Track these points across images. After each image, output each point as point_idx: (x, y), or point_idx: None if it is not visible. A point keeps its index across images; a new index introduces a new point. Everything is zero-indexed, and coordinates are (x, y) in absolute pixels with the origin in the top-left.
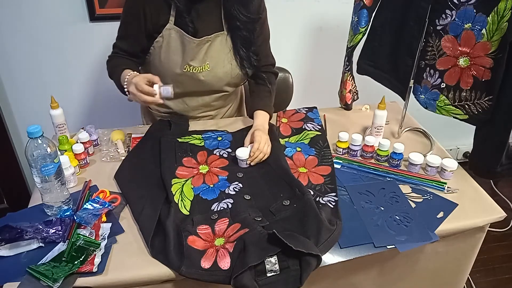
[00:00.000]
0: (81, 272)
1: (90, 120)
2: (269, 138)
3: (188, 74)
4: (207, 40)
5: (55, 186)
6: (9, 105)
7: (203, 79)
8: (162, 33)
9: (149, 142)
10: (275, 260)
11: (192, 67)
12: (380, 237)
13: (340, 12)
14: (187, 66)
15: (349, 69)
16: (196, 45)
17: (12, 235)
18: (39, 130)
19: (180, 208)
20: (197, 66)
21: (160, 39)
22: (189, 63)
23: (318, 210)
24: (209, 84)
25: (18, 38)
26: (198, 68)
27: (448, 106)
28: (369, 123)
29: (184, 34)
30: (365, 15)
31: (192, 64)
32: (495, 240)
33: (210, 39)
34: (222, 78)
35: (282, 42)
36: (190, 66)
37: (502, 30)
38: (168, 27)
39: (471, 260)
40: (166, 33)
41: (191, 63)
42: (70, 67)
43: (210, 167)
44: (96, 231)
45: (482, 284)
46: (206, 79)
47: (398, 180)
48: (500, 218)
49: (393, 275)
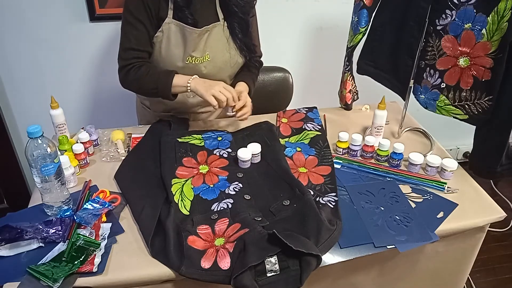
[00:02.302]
0: (81, 272)
1: (90, 120)
2: None
3: (190, 66)
4: (206, 30)
5: (55, 186)
6: (9, 105)
7: (204, 71)
8: (162, 27)
9: (149, 142)
10: (275, 260)
11: (194, 58)
12: (380, 237)
13: (340, 12)
14: (189, 57)
15: (349, 69)
16: (198, 35)
17: (12, 235)
18: (39, 130)
19: (180, 208)
20: (198, 57)
21: (160, 33)
22: (191, 54)
23: (318, 210)
24: (209, 76)
25: (18, 38)
26: (200, 58)
27: (448, 106)
28: (369, 123)
29: (185, 26)
30: (365, 15)
31: (194, 55)
32: (495, 240)
33: (209, 29)
34: (222, 68)
35: (282, 42)
36: (192, 57)
37: (502, 30)
38: (167, 21)
39: (471, 260)
40: (166, 27)
41: (193, 54)
42: (70, 67)
43: (210, 167)
44: (96, 231)
45: (482, 284)
46: (207, 70)
47: (398, 180)
48: (500, 218)
49: (393, 275)
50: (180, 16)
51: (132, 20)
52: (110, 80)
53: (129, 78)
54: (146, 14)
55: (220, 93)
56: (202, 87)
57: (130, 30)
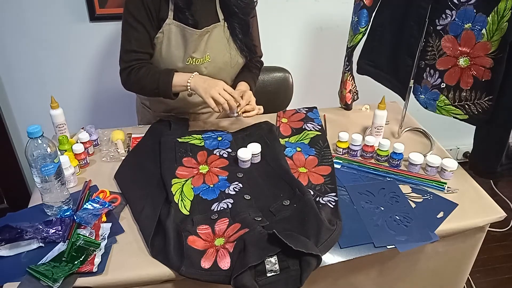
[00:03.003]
0: (81, 272)
1: (90, 120)
2: None
3: (191, 67)
4: (207, 31)
5: (55, 186)
6: (9, 105)
7: (205, 71)
8: (162, 28)
9: (149, 142)
10: (275, 260)
11: (195, 59)
12: (380, 237)
13: (340, 12)
14: (190, 58)
15: (349, 69)
16: (198, 36)
17: (12, 235)
18: (39, 130)
19: (180, 208)
20: (199, 57)
21: (160, 35)
22: (192, 55)
23: (318, 210)
24: (210, 76)
25: (18, 38)
26: (200, 59)
27: (448, 106)
28: (369, 123)
29: (185, 27)
30: (365, 15)
31: (194, 56)
32: (495, 240)
33: (209, 30)
34: (223, 68)
35: (282, 42)
36: (193, 58)
37: (502, 30)
38: (167, 22)
39: (471, 260)
40: (166, 28)
41: (193, 55)
42: (70, 67)
43: (210, 167)
44: (96, 231)
45: (482, 284)
46: (208, 70)
47: (398, 180)
48: (500, 218)
49: (393, 275)
50: (181, 17)
51: (132, 22)
52: (110, 80)
53: (130, 80)
54: (146, 15)
55: (219, 95)
56: (202, 88)
57: (130, 32)
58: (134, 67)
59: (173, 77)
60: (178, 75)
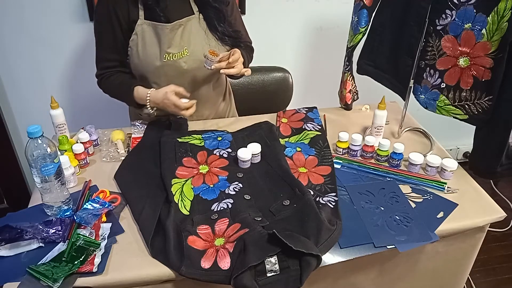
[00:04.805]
0: (81, 272)
1: (90, 120)
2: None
3: (169, 63)
4: (179, 24)
5: (55, 186)
6: (9, 105)
7: (185, 66)
8: (135, 29)
9: (149, 142)
10: (275, 260)
11: (171, 54)
12: (380, 237)
13: (340, 12)
14: (166, 54)
15: (349, 69)
16: (170, 30)
17: (12, 235)
18: (39, 130)
19: (180, 208)
20: (175, 52)
21: (134, 37)
22: (167, 51)
23: (318, 210)
24: (191, 72)
25: (18, 38)
26: (177, 54)
27: (448, 106)
28: (369, 123)
29: (157, 24)
30: (365, 15)
31: (170, 51)
32: (495, 240)
33: (182, 23)
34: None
35: (282, 42)
36: (169, 54)
37: (502, 30)
38: (139, 22)
39: (471, 260)
40: (139, 29)
41: (169, 50)
42: (70, 67)
43: (210, 167)
44: (96, 231)
45: (482, 284)
46: (188, 65)
47: (398, 180)
48: (500, 218)
49: (393, 275)
50: (152, 15)
51: (100, 29)
52: None
53: (102, 88)
54: (115, 20)
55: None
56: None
57: (99, 39)
58: (103, 76)
59: (134, 94)
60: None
